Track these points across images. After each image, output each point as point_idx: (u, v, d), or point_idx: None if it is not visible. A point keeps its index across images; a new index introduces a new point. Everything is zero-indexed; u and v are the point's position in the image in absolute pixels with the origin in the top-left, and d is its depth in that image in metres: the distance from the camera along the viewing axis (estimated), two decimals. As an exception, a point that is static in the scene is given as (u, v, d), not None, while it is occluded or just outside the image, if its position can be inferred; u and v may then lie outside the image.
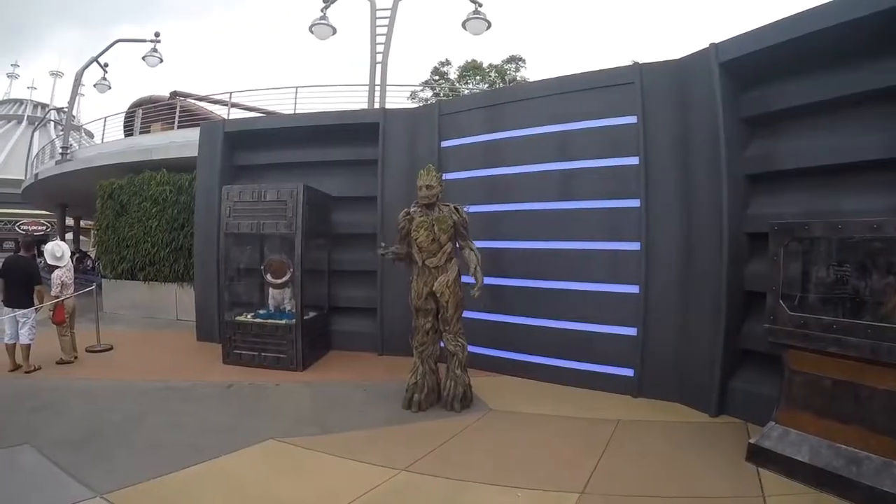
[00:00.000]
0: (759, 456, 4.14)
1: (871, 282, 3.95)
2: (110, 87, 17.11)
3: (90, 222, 27.33)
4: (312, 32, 12.15)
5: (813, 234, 4.21)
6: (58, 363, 6.95)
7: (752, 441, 4.26)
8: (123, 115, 18.47)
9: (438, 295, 5.39)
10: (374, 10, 11.57)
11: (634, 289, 5.90)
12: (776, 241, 4.34)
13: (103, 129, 17.06)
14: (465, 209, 5.51)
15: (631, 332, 5.93)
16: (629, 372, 5.92)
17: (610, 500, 3.66)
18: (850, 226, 4.01)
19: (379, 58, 11.35)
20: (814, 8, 4.62)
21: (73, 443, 4.41)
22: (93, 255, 22.26)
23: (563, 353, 6.31)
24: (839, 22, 4.40)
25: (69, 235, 27.01)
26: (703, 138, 5.47)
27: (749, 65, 5.21)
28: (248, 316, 7.34)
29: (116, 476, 3.81)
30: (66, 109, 17.22)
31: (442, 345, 5.59)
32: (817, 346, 3.98)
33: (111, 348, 7.90)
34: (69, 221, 28.09)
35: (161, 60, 15.80)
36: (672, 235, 5.73)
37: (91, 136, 25.41)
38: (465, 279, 5.52)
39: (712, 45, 5.41)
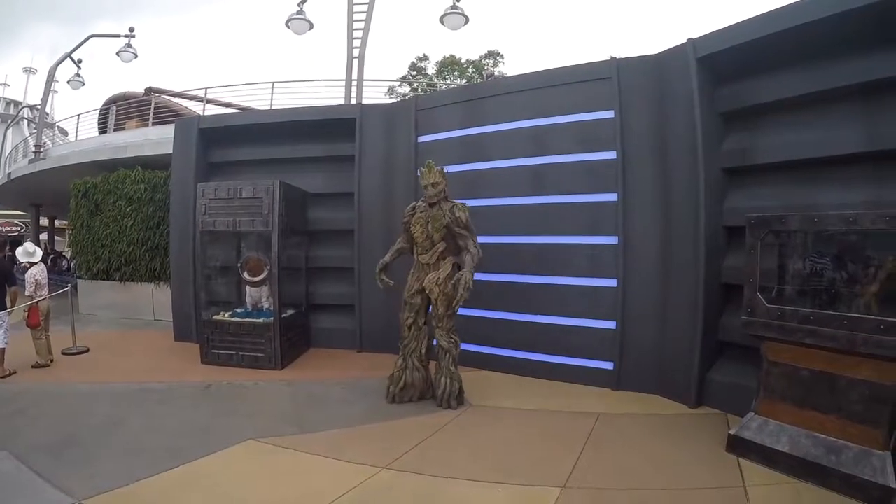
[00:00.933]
0: (739, 446, 4.19)
1: (847, 274, 4.05)
2: (84, 84, 16.77)
3: (65, 222, 26.83)
4: (289, 27, 12.01)
5: (789, 227, 4.25)
6: (33, 367, 6.80)
7: (731, 432, 4.31)
8: (98, 112, 18.12)
9: (427, 292, 5.37)
10: (351, 4, 11.47)
11: (613, 282, 5.93)
12: (753, 234, 4.38)
13: (77, 127, 16.75)
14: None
15: (610, 325, 5.96)
16: (609, 365, 5.95)
17: (591, 494, 3.67)
18: (826, 219, 4.05)
19: (356, 53, 11.26)
20: (790, 4, 4.69)
21: (51, 448, 4.31)
22: (68, 256, 21.85)
23: (543, 347, 6.32)
24: (815, 19, 4.47)
25: (43, 235, 26.48)
26: (680, 133, 5.51)
27: (726, 60, 5.26)
28: (226, 315, 7.25)
29: (95, 481, 3.73)
30: (39, 107, 16.85)
31: (435, 342, 5.52)
32: (795, 337, 4.03)
33: (88, 350, 7.76)
34: (43, 221, 27.52)
35: (135, 56, 15.50)
36: (650, 229, 5.77)
37: (65, 133, 24.89)
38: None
39: (689, 40, 5.46)
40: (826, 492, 3.62)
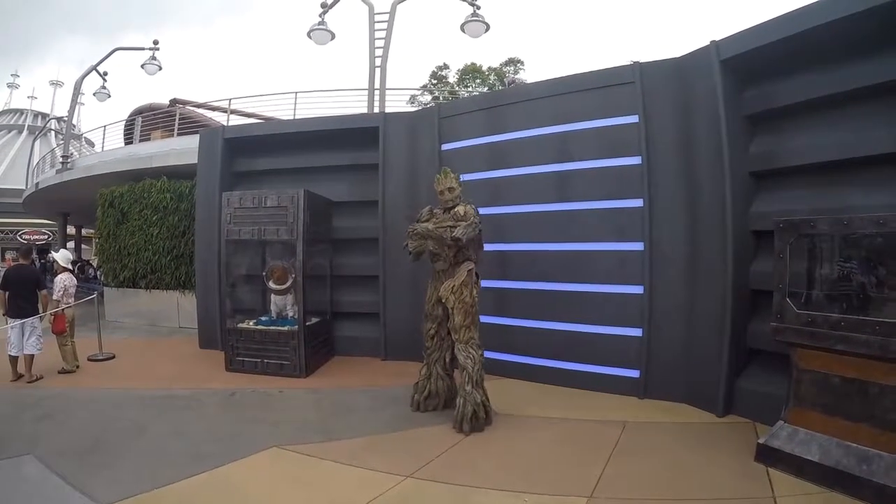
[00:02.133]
0: (768, 456, 4.12)
1: (879, 277, 3.94)
2: (110, 96, 17.12)
3: (91, 231, 27.36)
4: (311, 38, 12.14)
5: (819, 231, 4.17)
6: (60, 372, 6.94)
7: (761, 441, 4.24)
8: (123, 123, 18.49)
9: (444, 300, 5.23)
10: (372, 14, 11.57)
11: (639, 289, 5.88)
12: (782, 238, 4.31)
13: (103, 138, 17.12)
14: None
15: (636, 332, 5.90)
16: (635, 373, 5.90)
17: (618, 504, 3.63)
18: (855, 221, 3.97)
19: (378, 62, 11.34)
20: (812, 3, 4.62)
21: (76, 453, 4.38)
22: (94, 264, 22.27)
23: (568, 355, 6.29)
24: (838, 17, 4.40)
25: (70, 244, 27.03)
26: (705, 136, 5.46)
27: (750, 62, 5.21)
28: (251, 323, 7.32)
29: (120, 486, 3.78)
30: (66, 118, 17.22)
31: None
32: (825, 343, 3.95)
33: (113, 357, 7.90)
34: (70, 230, 28.13)
35: (160, 68, 15.81)
36: (676, 235, 5.72)
37: (91, 144, 25.46)
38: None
39: (713, 42, 5.41)
40: (858, 502, 3.54)
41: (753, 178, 5.43)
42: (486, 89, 25.85)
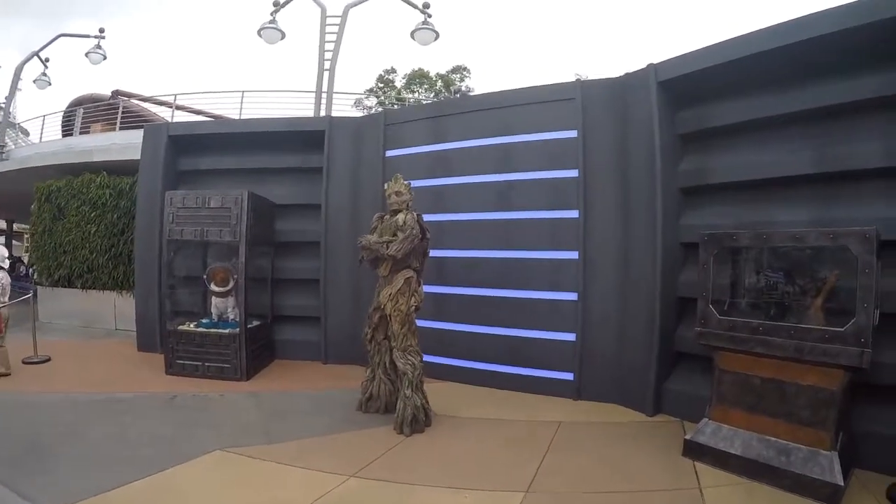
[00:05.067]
0: (694, 451, 4.39)
1: (795, 287, 4.31)
2: (50, 84, 16.32)
3: (23, 226, 26.07)
4: (261, 36, 12.02)
5: (740, 244, 4.52)
6: (-8, 376, 6.61)
7: (687, 437, 4.52)
8: (62, 114, 17.73)
9: (382, 307, 5.29)
10: (324, 16, 11.53)
11: (573, 296, 6.10)
12: (706, 250, 4.61)
13: (42, 128, 16.28)
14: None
15: (570, 337, 6.12)
16: (569, 376, 6.11)
17: (554, 497, 3.81)
18: (774, 236, 4.34)
19: (327, 65, 11.32)
20: (746, 34, 4.98)
21: (12, 459, 4.22)
22: (25, 261, 21.23)
23: (506, 358, 6.45)
24: (769, 48, 4.77)
25: (0, 239, 25.70)
26: (639, 153, 5.73)
27: (685, 85, 5.52)
28: (191, 325, 7.19)
29: (61, 492, 3.67)
30: (2, 105, 16.34)
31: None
32: (745, 347, 4.26)
33: (49, 359, 7.56)
34: (0, 224, 26.77)
35: (105, 58, 15.19)
36: (609, 245, 5.96)
37: (26, 133, 24.26)
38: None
39: (651, 65, 5.70)
40: (778, 491, 3.83)
41: (683, 193, 5.75)
42: (432, 95, 26.01)
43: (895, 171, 4.33)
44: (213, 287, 7.23)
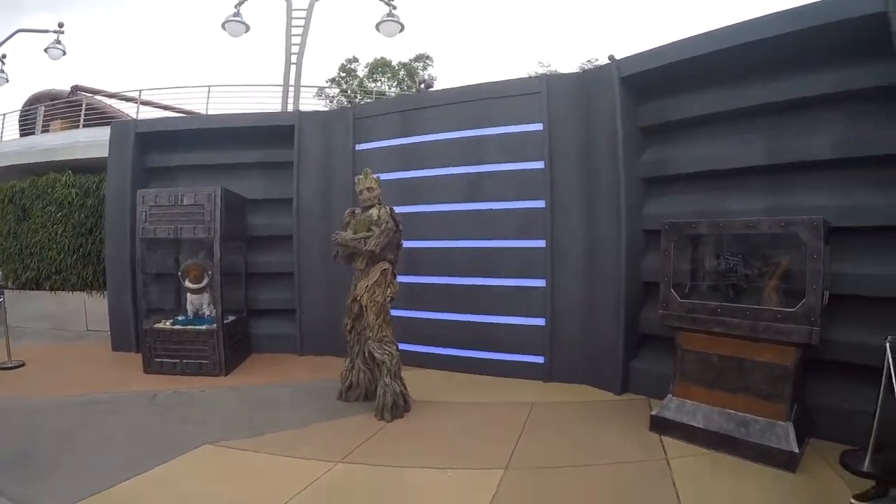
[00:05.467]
0: (660, 425, 4.67)
1: (750, 271, 4.60)
2: (8, 80, 15.78)
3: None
4: (225, 29, 11.92)
5: (699, 232, 4.79)
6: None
7: (653, 413, 4.80)
8: (19, 111, 17.23)
9: (359, 298, 5.43)
10: (290, 9, 11.48)
11: (542, 283, 6.32)
12: (667, 237, 4.86)
13: (1, 127, 15.75)
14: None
15: (540, 322, 6.34)
16: (540, 359, 6.34)
17: (532, 472, 4.05)
18: (730, 224, 4.66)
19: (294, 58, 11.30)
20: (704, 33, 5.23)
21: (5, 465, 4.21)
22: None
23: (478, 344, 6.65)
24: (726, 46, 5.02)
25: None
26: (603, 145, 5.95)
27: (647, 80, 5.75)
28: (167, 323, 7.21)
29: (58, 495, 3.69)
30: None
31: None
32: (705, 327, 4.53)
33: (24, 364, 7.43)
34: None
35: (64, 53, 14.73)
36: (576, 233, 6.19)
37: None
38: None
39: (614, 60, 5.90)
40: (739, 459, 4.11)
41: (645, 183, 6.00)
42: (395, 84, 25.97)
43: (843, 162, 4.63)
44: (188, 284, 7.25)
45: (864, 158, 4.51)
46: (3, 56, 15.42)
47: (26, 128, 16.53)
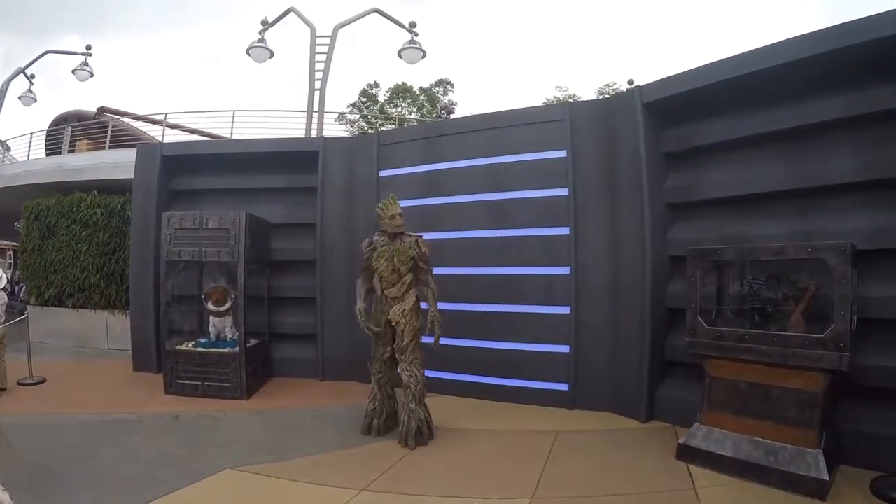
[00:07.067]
0: (687, 454, 4.59)
1: (777, 297, 4.57)
2: (36, 100, 16.13)
3: (4, 242, 25.67)
4: (249, 55, 12.14)
5: (725, 258, 4.77)
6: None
7: (680, 441, 4.72)
8: (46, 131, 17.56)
9: (394, 323, 5.34)
10: (314, 36, 11.67)
11: (566, 309, 6.28)
12: (693, 264, 4.84)
13: (29, 145, 16.13)
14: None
15: (564, 349, 6.29)
16: (564, 386, 6.28)
17: (559, 502, 3.99)
18: (756, 250, 4.61)
19: (317, 84, 11.46)
20: (727, 58, 5.27)
21: (24, 482, 4.15)
22: (8, 277, 20.82)
23: (502, 371, 6.60)
24: (749, 71, 5.05)
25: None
26: (627, 171, 5.97)
27: (669, 106, 5.77)
28: (190, 345, 7.25)
29: None
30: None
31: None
32: (732, 354, 4.48)
33: (45, 381, 7.52)
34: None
35: (91, 75, 15.02)
36: (600, 260, 6.17)
37: (7, 148, 23.90)
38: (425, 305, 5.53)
39: (636, 87, 5.96)
40: (768, 488, 4.04)
41: (669, 208, 5.99)
42: (416, 109, 26.17)
43: (866, 185, 4.61)
44: (211, 306, 7.31)
45: (889, 180, 4.48)
46: (32, 76, 15.75)
47: (53, 147, 16.86)
